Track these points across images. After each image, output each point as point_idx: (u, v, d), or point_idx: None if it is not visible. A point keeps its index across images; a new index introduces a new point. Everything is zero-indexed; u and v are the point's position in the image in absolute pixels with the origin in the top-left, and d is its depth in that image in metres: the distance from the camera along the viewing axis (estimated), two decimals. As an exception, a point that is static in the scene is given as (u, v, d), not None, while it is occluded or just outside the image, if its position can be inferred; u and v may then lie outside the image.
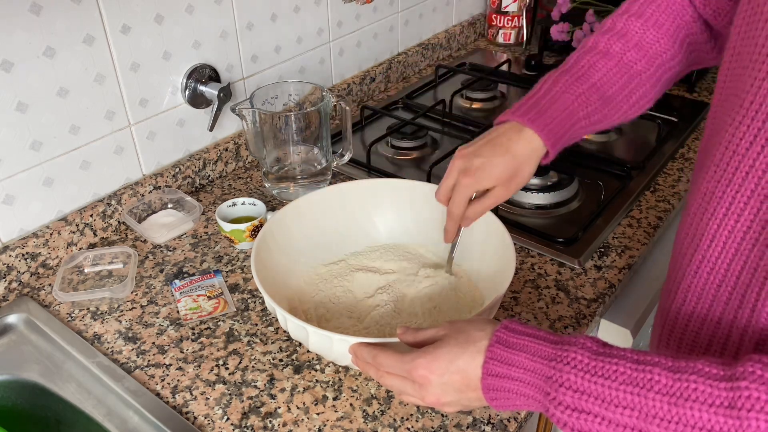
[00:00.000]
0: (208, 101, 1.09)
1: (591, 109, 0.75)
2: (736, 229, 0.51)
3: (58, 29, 0.87)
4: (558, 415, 0.49)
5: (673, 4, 0.75)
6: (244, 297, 0.90)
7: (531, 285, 0.91)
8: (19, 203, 0.90)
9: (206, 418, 0.73)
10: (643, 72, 0.76)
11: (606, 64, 0.75)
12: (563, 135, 0.74)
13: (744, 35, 0.52)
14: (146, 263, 0.97)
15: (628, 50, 0.75)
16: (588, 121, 0.75)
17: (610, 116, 0.77)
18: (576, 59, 0.78)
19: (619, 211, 1.05)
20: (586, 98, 0.75)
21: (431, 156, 1.23)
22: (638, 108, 0.78)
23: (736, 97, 0.51)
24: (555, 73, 0.78)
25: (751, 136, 0.49)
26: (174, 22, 1.01)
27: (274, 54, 1.20)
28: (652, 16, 0.75)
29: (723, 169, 0.52)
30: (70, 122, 0.93)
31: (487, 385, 0.54)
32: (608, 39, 0.76)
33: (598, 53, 0.76)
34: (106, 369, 0.78)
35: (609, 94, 0.75)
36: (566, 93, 0.74)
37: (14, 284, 0.91)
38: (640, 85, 0.76)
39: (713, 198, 0.53)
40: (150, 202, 1.05)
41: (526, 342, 0.53)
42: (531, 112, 0.73)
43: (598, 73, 0.75)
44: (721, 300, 0.53)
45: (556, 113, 0.73)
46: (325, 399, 0.75)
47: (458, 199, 0.75)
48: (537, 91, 0.76)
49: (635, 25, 0.75)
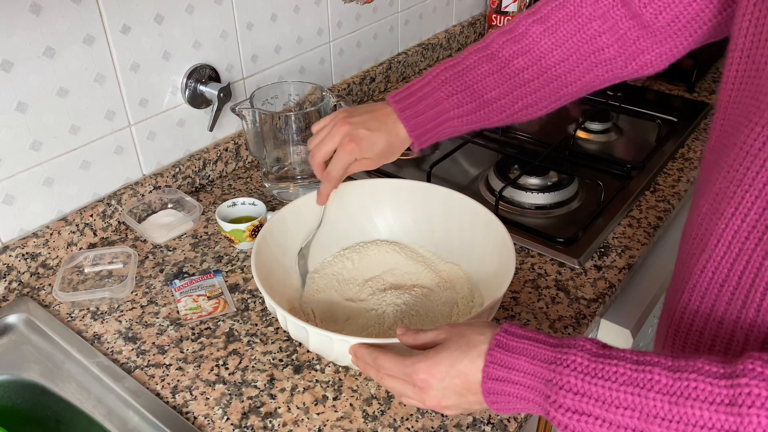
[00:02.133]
0: (208, 101, 1.09)
1: (464, 110, 0.76)
2: (741, 228, 0.51)
3: (58, 29, 0.87)
4: (559, 417, 0.49)
5: (584, 12, 0.71)
6: (244, 297, 0.90)
7: (531, 285, 0.91)
8: (19, 203, 0.90)
9: (206, 418, 0.73)
10: (532, 80, 0.74)
11: (490, 67, 0.75)
12: (430, 130, 0.77)
13: (754, 38, 0.51)
14: (146, 263, 0.97)
15: (518, 56, 0.74)
16: (461, 120, 0.77)
17: (490, 118, 0.77)
18: (466, 54, 0.77)
19: (619, 211, 1.05)
20: (460, 99, 0.75)
21: (431, 156, 1.23)
22: (530, 113, 0.77)
23: (753, 99, 0.51)
24: (448, 62, 0.78)
25: (764, 137, 0.49)
26: (174, 22, 1.01)
27: (274, 54, 1.20)
28: (556, 24, 0.72)
29: (735, 169, 0.52)
30: (70, 122, 0.93)
31: (488, 389, 0.54)
32: (503, 41, 0.75)
33: (487, 55, 0.75)
34: (106, 369, 0.78)
35: (488, 97, 0.75)
36: (441, 90, 0.76)
37: (14, 284, 0.91)
38: (529, 93, 0.75)
39: (724, 197, 0.53)
40: (150, 202, 1.05)
41: (525, 345, 0.53)
42: (405, 101, 0.77)
43: (479, 76, 0.75)
44: (724, 299, 0.53)
45: (427, 108, 0.76)
46: (325, 399, 0.75)
47: (340, 164, 0.77)
48: (421, 79, 0.78)
49: (534, 31, 0.73)
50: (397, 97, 0.78)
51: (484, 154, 1.22)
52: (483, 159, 1.21)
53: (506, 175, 1.11)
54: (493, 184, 1.11)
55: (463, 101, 0.75)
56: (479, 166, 1.19)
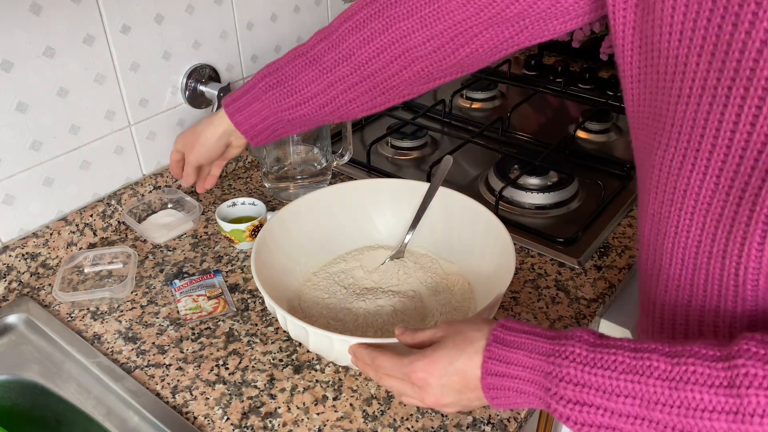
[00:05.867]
0: (208, 101, 1.09)
1: (293, 116, 0.81)
2: (688, 245, 0.52)
3: (58, 29, 0.87)
4: (560, 409, 0.49)
5: (392, 12, 0.72)
6: (244, 297, 0.90)
7: (531, 285, 0.91)
8: (19, 203, 0.90)
9: (206, 418, 0.73)
10: (353, 87, 0.77)
11: (310, 73, 0.78)
12: (265, 129, 0.84)
13: (641, 64, 0.53)
14: (146, 263, 0.97)
15: (341, 64, 0.76)
16: (291, 118, 0.81)
17: (318, 118, 0.81)
18: (288, 59, 0.80)
19: (619, 211, 1.05)
20: (284, 105, 0.80)
21: (431, 156, 1.23)
22: (364, 109, 0.80)
23: (654, 120, 0.52)
24: (271, 66, 0.81)
25: (680, 155, 0.50)
26: (174, 22, 1.01)
27: (274, 54, 1.20)
28: (372, 32, 0.74)
29: (663, 190, 0.53)
30: (70, 122, 0.93)
31: (487, 385, 0.54)
32: (324, 45, 0.77)
33: (310, 58, 0.78)
34: (106, 369, 0.78)
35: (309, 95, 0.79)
36: (262, 99, 0.81)
37: (14, 284, 0.91)
38: (348, 97, 0.78)
39: (662, 218, 0.54)
40: (150, 202, 1.05)
41: (523, 339, 0.53)
42: (231, 105, 0.84)
43: (300, 84, 0.79)
44: (699, 291, 0.54)
45: (253, 112, 0.82)
46: (325, 399, 0.75)
47: (171, 157, 0.90)
48: (245, 86, 0.83)
49: (355, 38, 0.75)
50: (228, 99, 0.85)
51: (484, 154, 1.22)
52: (483, 159, 1.21)
53: (506, 175, 1.11)
54: (493, 184, 1.11)
55: (282, 112, 0.81)
56: (479, 166, 1.19)
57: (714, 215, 0.49)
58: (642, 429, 0.46)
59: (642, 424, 0.46)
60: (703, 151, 0.48)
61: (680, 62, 0.47)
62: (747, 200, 0.46)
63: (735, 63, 0.43)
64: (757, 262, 0.46)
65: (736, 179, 0.46)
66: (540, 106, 1.42)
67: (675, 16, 0.46)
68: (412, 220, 0.91)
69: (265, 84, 0.80)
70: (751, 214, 0.45)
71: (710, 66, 0.45)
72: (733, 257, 0.48)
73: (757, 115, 0.43)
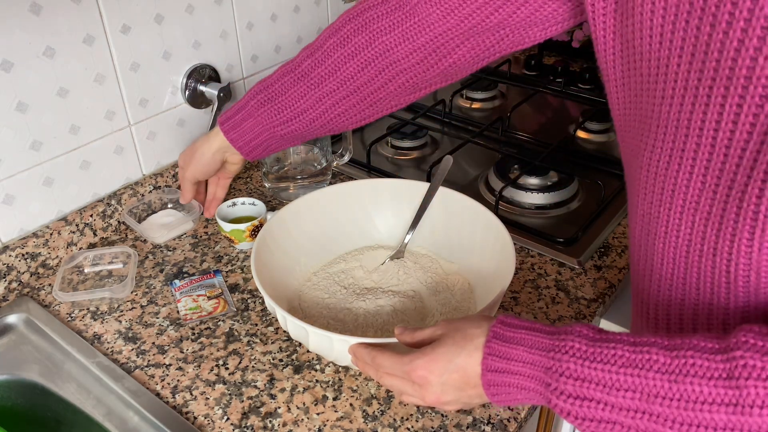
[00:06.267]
0: (208, 101, 1.09)
1: (285, 132, 0.84)
2: (679, 244, 0.52)
3: (58, 29, 0.87)
4: (561, 404, 0.49)
5: (376, 26, 0.74)
6: (244, 297, 0.90)
7: (531, 285, 0.91)
8: (19, 203, 0.90)
9: (206, 418, 0.73)
10: (341, 101, 0.79)
11: (299, 89, 0.80)
12: (259, 145, 0.87)
13: (623, 68, 0.53)
14: (146, 263, 0.97)
15: (328, 79, 0.78)
16: (284, 133, 0.85)
17: (311, 132, 0.84)
18: (278, 76, 0.82)
19: (619, 211, 1.05)
20: (275, 120, 0.83)
21: (431, 156, 1.23)
22: (354, 122, 0.83)
23: (640, 122, 0.53)
24: (262, 83, 0.84)
25: (666, 156, 0.50)
26: (174, 22, 1.01)
27: (274, 54, 1.20)
28: (357, 47, 0.76)
29: (651, 191, 0.53)
30: (70, 122, 0.93)
31: (488, 381, 0.54)
32: (311, 61, 0.79)
33: (298, 74, 0.80)
34: (106, 369, 0.78)
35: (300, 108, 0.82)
36: (255, 115, 0.84)
37: (14, 284, 0.91)
38: (338, 111, 0.81)
39: (651, 219, 0.54)
40: (150, 202, 1.05)
41: (522, 335, 0.53)
42: (226, 122, 0.87)
43: (289, 100, 0.81)
44: (692, 288, 0.54)
45: (247, 129, 0.86)
46: (325, 399, 0.75)
47: (180, 174, 0.97)
48: (239, 102, 0.87)
49: (340, 53, 0.76)
50: (222, 117, 0.89)
51: (484, 154, 1.22)
52: (483, 159, 1.21)
53: (506, 175, 1.11)
54: (493, 184, 1.11)
55: (275, 130, 0.84)
56: (479, 166, 1.19)
57: (702, 214, 0.49)
58: (642, 422, 0.46)
59: (642, 417, 0.46)
60: (688, 150, 0.48)
61: (662, 64, 0.48)
62: (734, 197, 0.46)
63: (714, 63, 0.44)
64: (747, 258, 0.47)
65: (722, 177, 0.46)
66: (540, 106, 1.42)
67: (654, 19, 0.47)
68: (412, 220, 0.91)
69: (257, 101, 0.83)
70: (738, 211, 0.46)
71: (691, 67, 0.46)
72: (724, 254, 0.48)
73: (738, 113, 0.44)
